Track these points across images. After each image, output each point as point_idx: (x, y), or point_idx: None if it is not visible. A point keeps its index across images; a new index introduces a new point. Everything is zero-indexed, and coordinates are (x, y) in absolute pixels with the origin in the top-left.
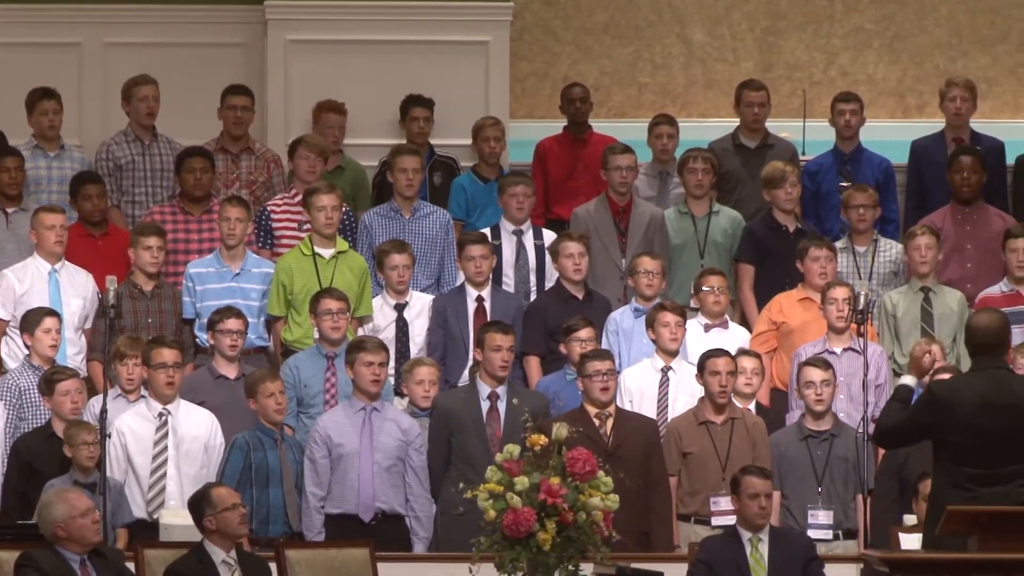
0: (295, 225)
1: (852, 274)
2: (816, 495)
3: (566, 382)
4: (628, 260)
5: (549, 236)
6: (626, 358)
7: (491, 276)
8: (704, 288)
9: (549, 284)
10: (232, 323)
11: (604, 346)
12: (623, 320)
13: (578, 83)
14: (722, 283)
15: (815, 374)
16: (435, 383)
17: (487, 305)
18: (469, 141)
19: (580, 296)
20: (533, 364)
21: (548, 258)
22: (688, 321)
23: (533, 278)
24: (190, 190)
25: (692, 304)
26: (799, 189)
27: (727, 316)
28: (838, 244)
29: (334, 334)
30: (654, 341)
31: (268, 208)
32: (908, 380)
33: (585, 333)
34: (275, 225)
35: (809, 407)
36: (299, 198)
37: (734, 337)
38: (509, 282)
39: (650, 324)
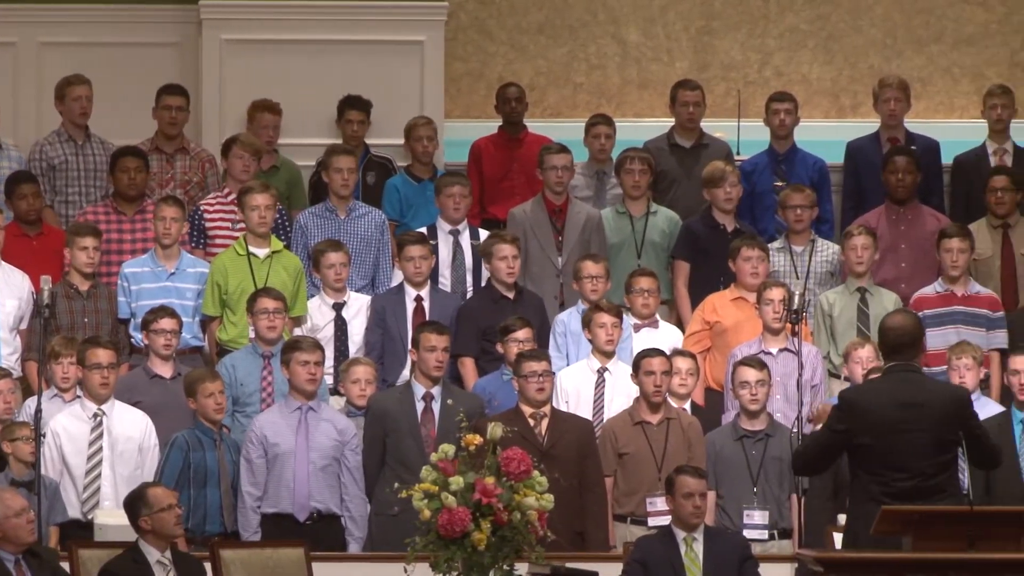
0: (228, 224)
1: (789, 274)
2: (751, 495)
3: (502, 382)
4: (564, 259)
5: (485, 236)
6: (574, 360)
7: (429, 276)
8: (634, 289)
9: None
10: (166, 323)
11: (553, 348)
12: (571, 322)
13: (513, 83)
14: (652, 284)
15: (750, 374)
16: (372, 382)
17: (426, 305)
18: (403, 141)
19: (511, 296)
20: (468, 366)
21: None
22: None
23: (470, 278)
24: (124, 190)
25: (625, 304)
26: (739, 189)
27: (658, 316)
28: (775, 244)
29: (270, 333)
30: (591, 341)
31: (201, 208)
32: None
33: (523, 334)
34: (208, 225)
35: (744, 407)
36: (232, 197)
37: (665, 336)
38: (446, 282)
39: (586, 324)
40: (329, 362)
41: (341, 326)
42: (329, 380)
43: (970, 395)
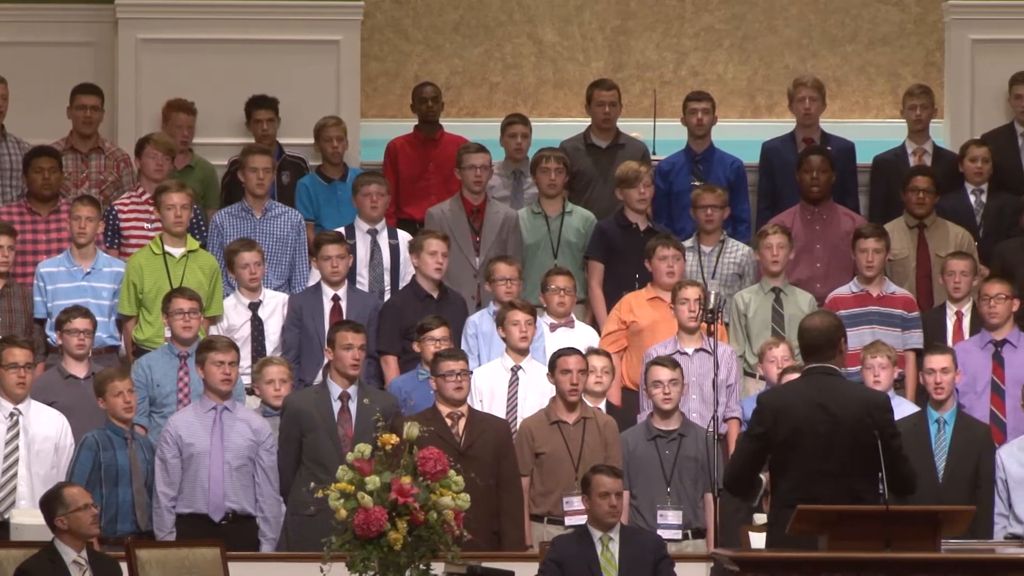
0: (143, 224)
1: (696, 274)
2: (665, 495)
3: (419, 382)
4: (482, 260)
5: (403, 236)
6: (485, 361)
7: (347, 275)
8: (550, 288)
9: (403, 283)
10: (79, 323)
11: (464, 349)
12: (482, 323)
13: (429, 82)
14: (568, 283)
15: (662, 373)
16: (286, 382)
17: (343, 304)
18: (313, 141)
19: (436, 295)
20: (391, 363)
21: (403, 257)
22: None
23: (387, 277)
24: (38, 190)
25: (541, 303)
26: (652, 190)
27: (573, 316)
28: (686, 243)
29: (186, 333)
30: (504, 339)
31: (115, 207)
32: None
33: (439, 332)
34: (123, 224)
35: (657, 406)
36: (146, 196)
37: (580, 336)
38: (363, 281)
39: (500, 322)
40: (246, 362)
41: (257, 325)
42: (246, 380)
43: (889, 400)
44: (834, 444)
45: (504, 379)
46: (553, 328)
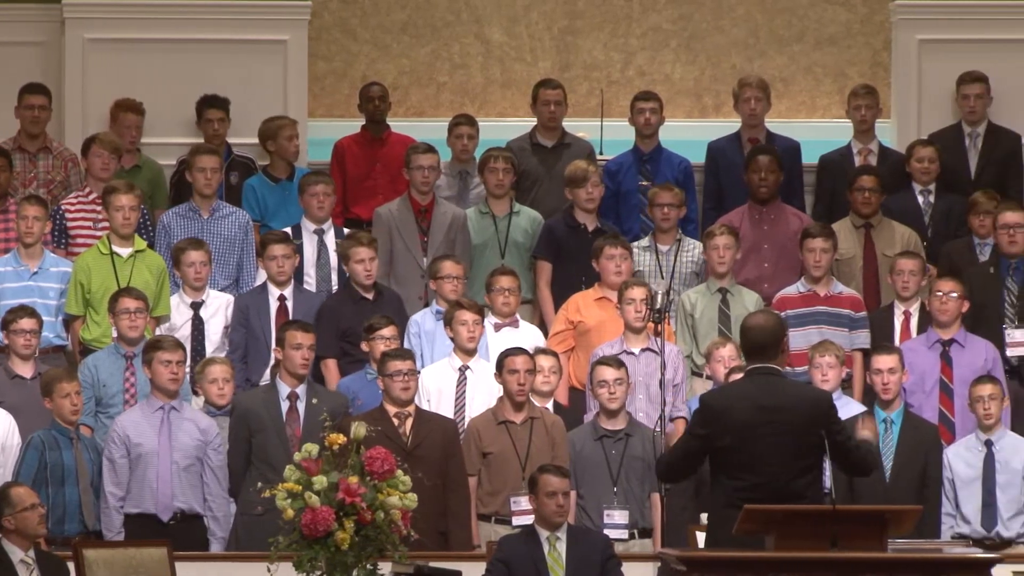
0: (90, 224)
1: (654, 273)
2: (611, 494)
3: (367, 381)
4: (430, 260)
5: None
6: (429, 360)
7: (293, 275)
8: (494, 288)
9: None
10: (25, 323)
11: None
12: (424, 322)
13: (376, 82)
14: (513, 283)
15: (608, 373)
16: (229, 381)
17: (289, 304)
18: (260, 141)
19: (371, 296)
20: (331, 367)
21: None
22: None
23: (335, 277)
24: None
25: (487, 303)
26: (601, 189)
27: (518, 316)
28: (642, 243)
29: (131, 333)
30: (452, 339)
31: (62, 207)
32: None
33: (388, 331)
34: (70, 224)
35: (603, 406)
36: (93, 196)
37: (525, 336)
38: (311, 281)
39: (448, 323)
40: (187, 361)
41: (198, 325)
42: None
43: (832, 399)
44: (779, 444)
45: (452, 379)
46: (498, 328)
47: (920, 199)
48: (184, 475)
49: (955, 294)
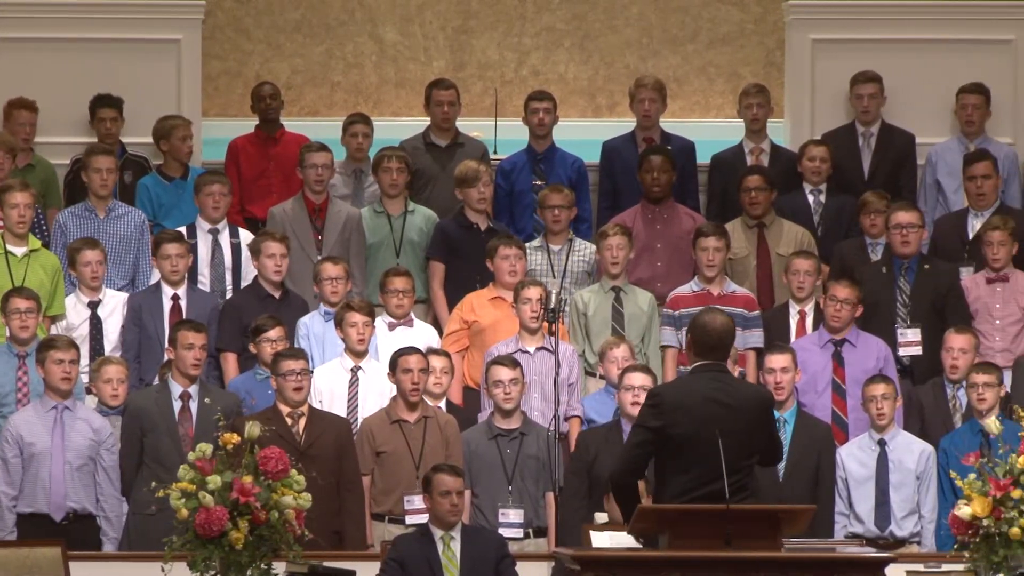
0: None
1: (546, 273)
2: (506, 493)
3: (256, 382)
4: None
5: (245, 235)
6: (320, 362)
7: (187, 275)
8: (388, 289)
9: (245, 283)
10: None
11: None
12: (313, 324)
13: (267, 81)
14: (406, 284)
15: (503, 372)
16: (124, 381)
17: (183, 304)
18: (154, 140)
19: (277, 295)
20: (230, 361)
21: (244, 256)
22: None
23: (229, 277)
24: None
25: (381, 302)
26: (492, 189)
27: (412, 315)
28: (533, 243)
29: (23, 333)
30: (343, 340)
31: None
32: None
33: (275, 333)
34: None
35: (498, 406)
36: None
37: (419, 335)
38: (205, 280)
39: (338, 324)
40: (84, 360)
41: (96, 324)
42: (85, 379)
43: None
44: (730, 440)
45: (344, 379)
46: (392, 327)
47: (811, 199)
48: (77, 475)
49: (851, 301)
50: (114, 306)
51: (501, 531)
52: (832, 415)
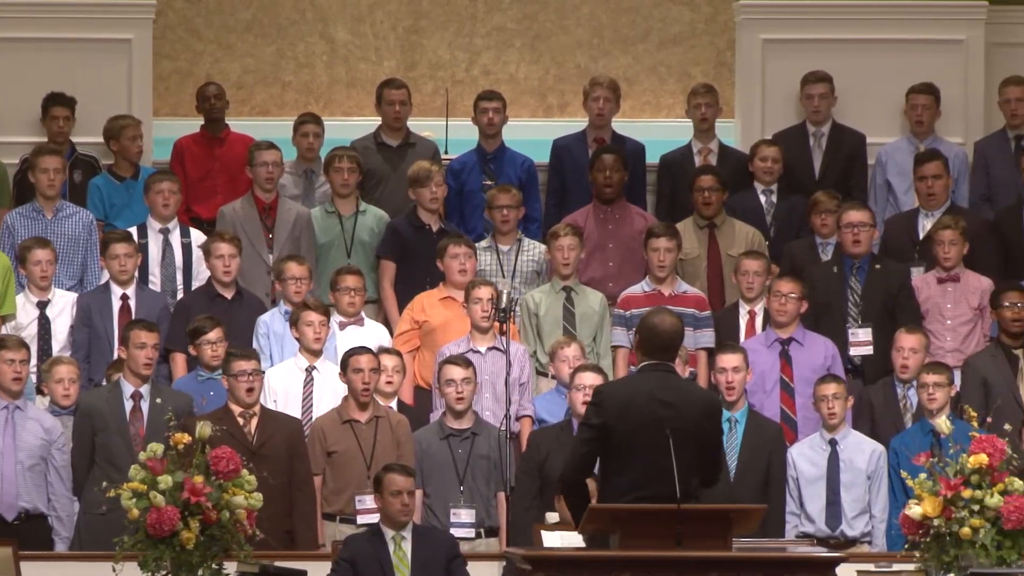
0: None
1: (496, 273)
2: (458, 493)
3: (198, 383)
4: (275, 257)
5: (196, 234)
6: (278, 360)
7: (136, 274)
8: (339, 287)
9: (196, 283)
10: None
11: (255, 349)
12: (273, 323)
13: (212, 81)
14: (358, 283)
15: (455, 372)
16: (75, 381)
17: (132, 303)
18: (104, 139)
19: (229, 296)
20: (179, 361)
21: (195, 256)
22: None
23: (180, 276)
24: None
25: (331, 302)
26: (444, 189)
27: (363, 314)
28: (482, 243)
29: None
30: (298, 340)
31: None
32: None
33: (214, 335)
34: None
35: (450, 406)
36: None
37: (371, 334)
38: (155, 280)
39: (294, 323)
40: (33, 360)
41: (44, 324)
42: (34, 379)
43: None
44: (676, 441)
45: (299, 379)
46: (343, 326)
47: (762, 199)
48: (28, 475)
49: (795, 295)
50: (63, 306)
51: (452, 531)
52: (781, 414)
